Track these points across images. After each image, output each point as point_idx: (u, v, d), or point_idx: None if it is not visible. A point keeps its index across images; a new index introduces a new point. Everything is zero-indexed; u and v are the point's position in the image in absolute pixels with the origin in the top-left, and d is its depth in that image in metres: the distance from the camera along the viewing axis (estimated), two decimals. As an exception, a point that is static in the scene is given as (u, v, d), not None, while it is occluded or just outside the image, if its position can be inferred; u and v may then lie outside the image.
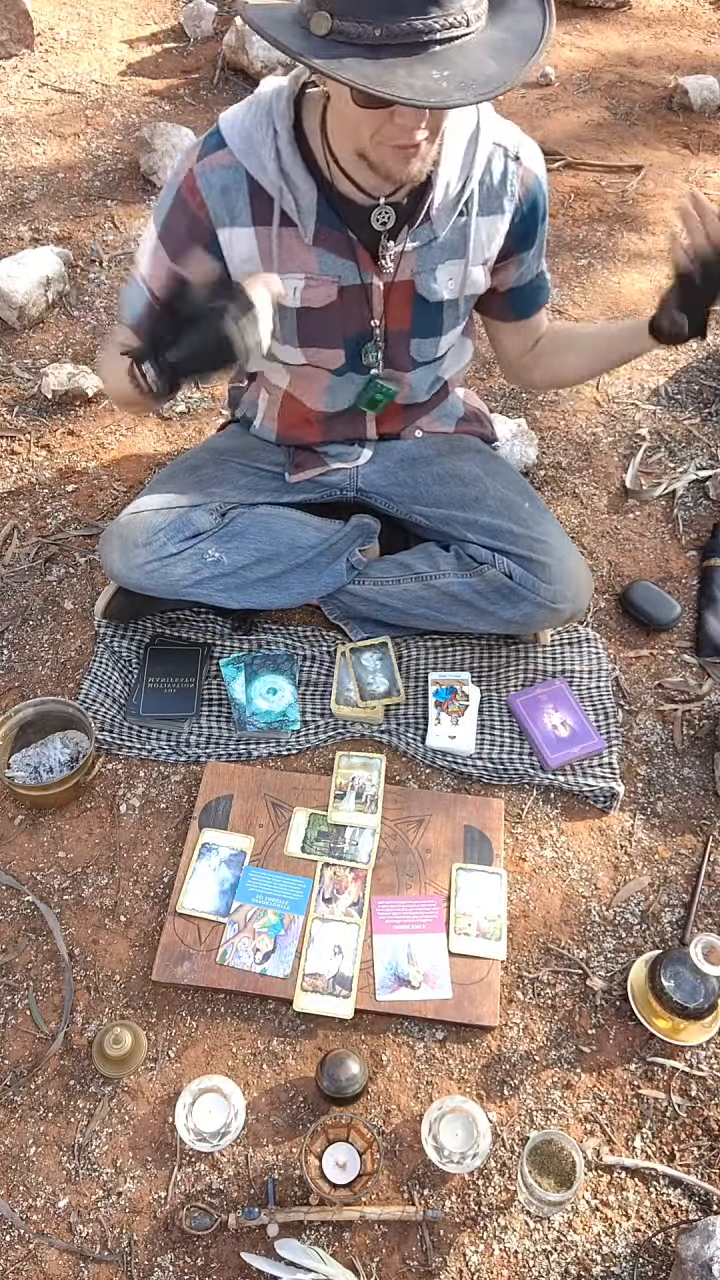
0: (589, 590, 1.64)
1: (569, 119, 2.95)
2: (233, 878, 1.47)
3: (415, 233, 1.33)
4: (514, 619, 1.60)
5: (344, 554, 1.65)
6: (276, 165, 1.25)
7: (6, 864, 1.51)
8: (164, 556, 1.58)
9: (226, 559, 1.60)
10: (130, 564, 1.59)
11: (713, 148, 2.85)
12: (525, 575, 1.56)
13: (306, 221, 1.29)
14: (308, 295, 1.36)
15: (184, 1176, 1.26)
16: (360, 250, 1.33)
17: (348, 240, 1.32)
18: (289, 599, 1.67)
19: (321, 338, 1.42)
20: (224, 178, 1.27)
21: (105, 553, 1.63)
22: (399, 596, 1.65)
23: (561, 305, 2.38)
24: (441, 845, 1.51)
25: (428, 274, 1.37)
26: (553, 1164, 1.19)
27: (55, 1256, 1.21)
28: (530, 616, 1.59)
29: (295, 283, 1.35)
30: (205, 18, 3.21)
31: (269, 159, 1.24)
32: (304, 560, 1.64)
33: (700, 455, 2.07)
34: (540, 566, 1.56)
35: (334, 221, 1.30)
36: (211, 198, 1.28)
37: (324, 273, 1.34)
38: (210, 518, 1.61)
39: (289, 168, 1.25)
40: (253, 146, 1.25)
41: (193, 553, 1.59)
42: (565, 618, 1.62)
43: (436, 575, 1.62)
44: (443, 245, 1.35)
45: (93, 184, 2.69)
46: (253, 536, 1.61)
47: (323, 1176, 1.22)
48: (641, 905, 1.49)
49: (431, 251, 1.35)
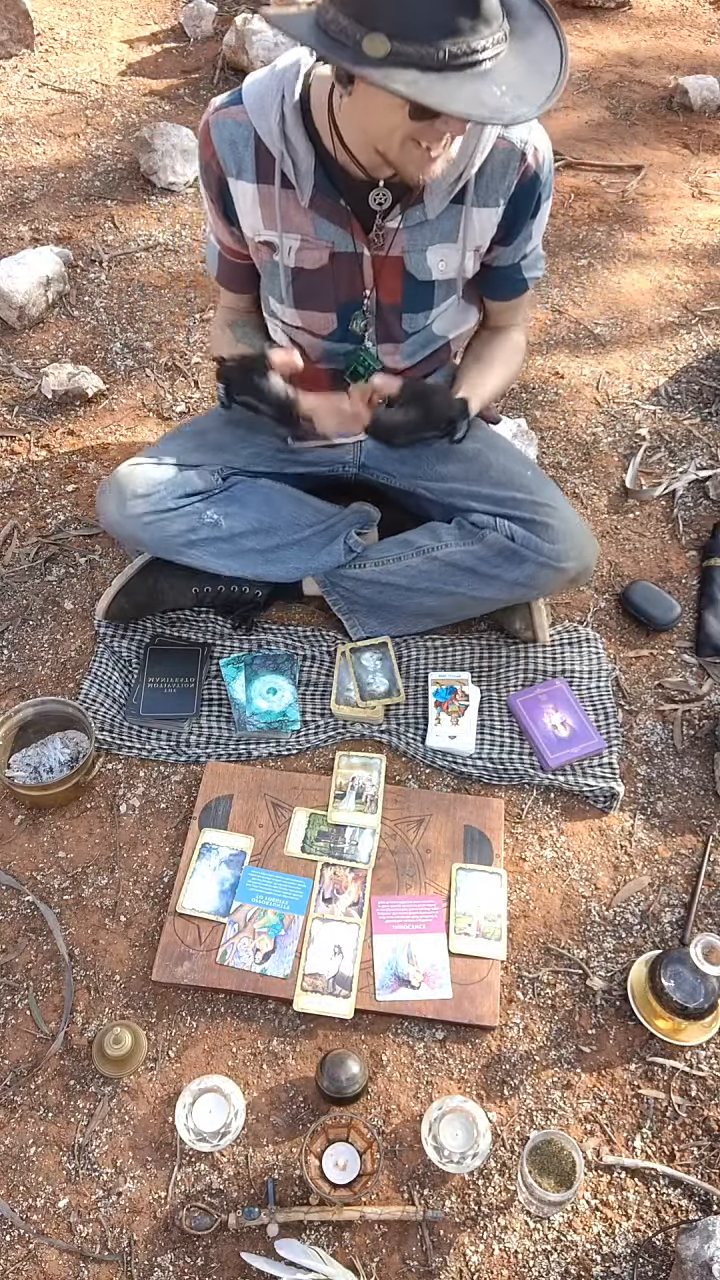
0: (594, 551, 1.62)
1: (569, 119, 2.95)
2: (233, 878, 1.47)
3: (408, 213, 1.37)
4: (519, 580, 1.58)
5: (340, 535, 1.65)
6: (280, 129, 1.31)
7: (6, 864, 1.51)
8: (162, 510, 1.59)
9: (225, 522, 1.61)
10: (126, 513, 1.60)
11: (713, 148, 2.86)
12: (527, 536, 1.55)
13: (304, 185, 1.34)
14: (301, 256, 1.41)
15: (184, 1176, 1.26)
16: (353, 221, 1.37)
17: (341, 209, 1.36)
18: (284, 573, 1.67)
19: (314, 300, 1.47)
20: (233, 131, 1.34)
21: (102, 503, 1.65)
22: (402, 573, 1.64)
23: (561, 305, 2.38)
24: (441, 845, 1.51)
25: (418, 253, 1.41)
26: (553, 1164, 1.19)
27: (55, 1256, 1.21)
28: (534, 577, 1.57)
29: (291, 242, 1.40)
30: (205, 18, 3.21)
31: (275, 121, 1.31)
32: (300, 538, 1.65)
33: (700, 455, 2.07)
34: (542, 527, 1.56)
35: (330, 190, 1.35)
36: (221, 148, 1.36)
37: (319, 237, 1.39)
38: (211, 479, 1.62)
39: (291, 132, 1.31)
40: (263, 107, 1.31)
41: (190, 510, 1.60)
42: (571, 577, 1.60)
43: (438, 547, 1.61)
44: (434, 227, 1.39)
45: (93, 184, 2.69)
46: (252, 505, 1.63)
47: (323, 1176, 1.22)
48: (641, 905, 1.49)
49: (423, 231, 1.39)
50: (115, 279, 2.42)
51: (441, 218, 1.38)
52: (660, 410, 2.15)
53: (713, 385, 2.20)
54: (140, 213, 2.61)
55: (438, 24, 1.03)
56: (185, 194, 2.66)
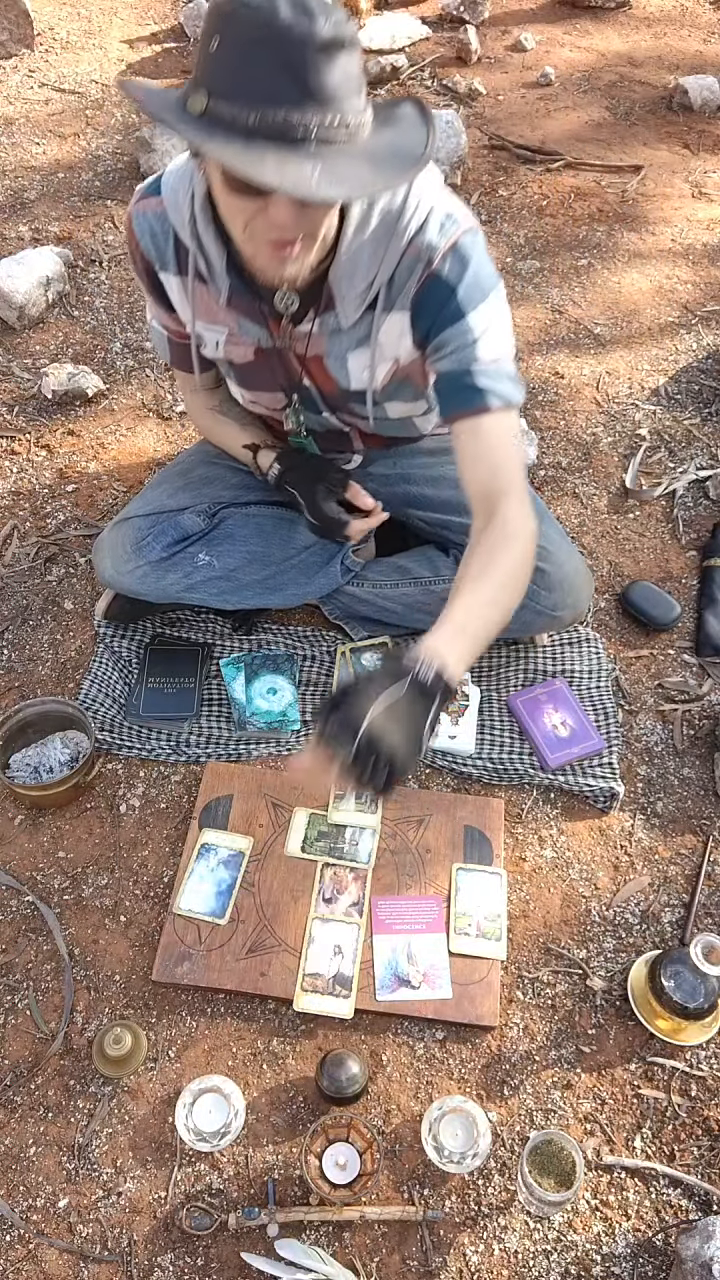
0: (589, 595, 1.64)
1: (569, 119, 2.95)
2: (230, 879, 1.47)
3: (322, 318, 1.29)
4: (512, 626, 1.58)
5: (337, 555, 1.65)
6: (191, 228, 1.25)
7: (6, 864, 1.51)
8: (154, 562, 1.59)
9: (218, 562, 1.60)
10: (122, 571, 1.61)
11: (713, 148, 2.86)
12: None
13: (220, 285, 1.28)
14: (229, 350, 1.39)
15: (184, 1176, 1.26)
16: (271, 322, 1.31)
17: (258, 309, 1.30)
18: (285, 600, 1.67)
19: (259, 381, 1.44)
20: (153, 224, 1.30)
21: (98, 561, 1.65)
22: (398, 600, 1.65)
23: (561, 305, 2.38)
24: (441, 845, 1.51)
25: (338, 360, 1.34)
26: (553, 1164, 1.19)
27: (55, 1256, 1.21)
28: (529, 624, 1.59)
29: (218, 336, 1.37)
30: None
31: (186, 218, 1.25)
32: (296, 561, 1.64)
33: (700, 455, 2.07)
34: (539, 574, 1.54)
35: (243, 290, 1.29)
36: (144, 241, 1.32)
37: (242, 334, 1.35)
38: (199, 520, 1.61)
39: (201, 231, 1.24)
40: (176, 201, 1.26)
41: (183, 558, 1.60)
42: (565, 623, 1.63)
43: (435, 580, 1.62)
44: (351, 335, 1.31)
45: (93, 184, 2.69)
46: (242, 539, 1.62)
47: (323, 1176, 1.22)
48: (641, 905, 1.49)
49: (339, 339, 1.32)
50: (115, 279, 2.42)
51: (357, 326, 1.29)
52: (660, 410, 2.15)
53: (713, 385, 2.20)
54: (140, 213, 2.60)
55: (257, 90, 0.96)
56: (185, 194, 2.66)
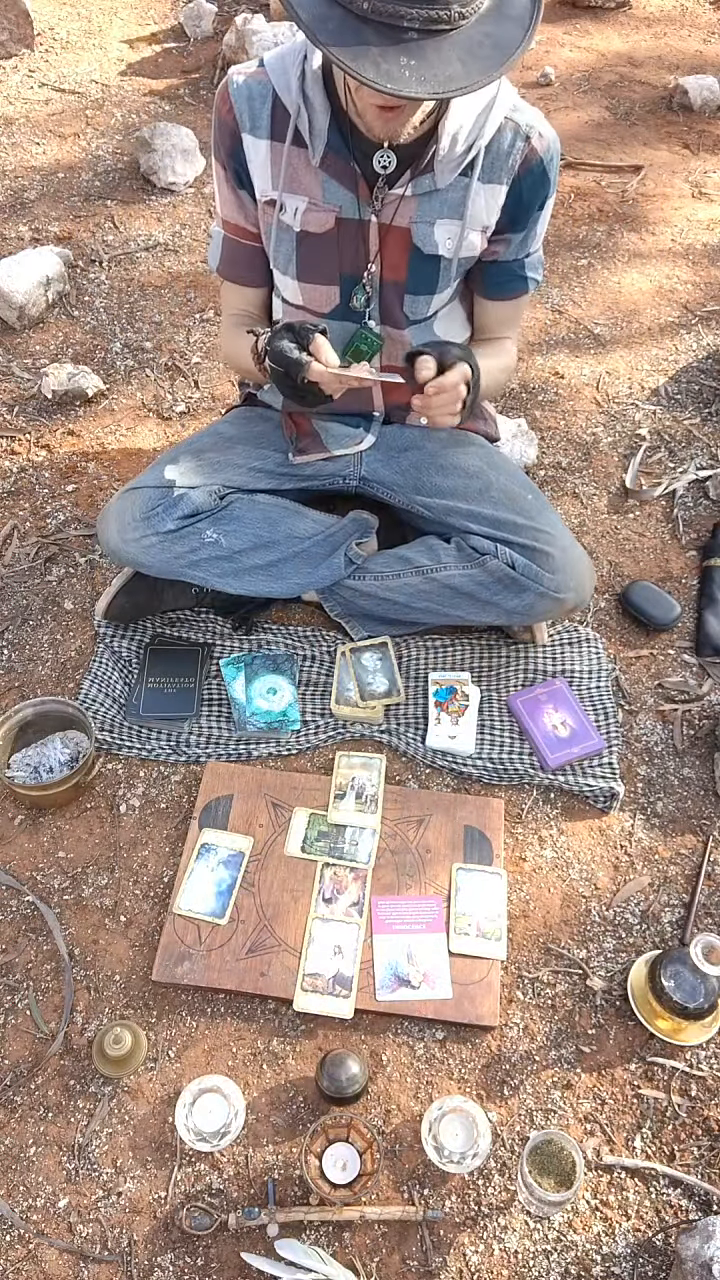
0: (592, 580, 1.64)
1: (569, 119, 2.95)
2: (230, 879, 1.47)
3: (417, 181, 1.37)
4: (517, 609, 1.60)
5: (341, 546, 1.65)
6: (299, 84, 1.33)
7: (6, 864, 1.51)
8: (161, 532, 1.59)
9: (224, 541, 1.61)
10: (126, 538, 1.60)
11: (713, 148, 2.86)
12: (528, 565, 1.56)
13: (316, 143, 1.35)
14: (307, 219, 1.41)
15: (184, 1176, 1.26)
16: (362, 183, 1.37)
17: (350, 170, 1.36)
18: (287, 589, 1.67)
19: (317, 272, 1.46)
20: (251, 88, 1.37)
21: (102, 529, 1.65)
22: (400, 590, 1.65)
23: (561, 305, 2.38)
24: (441, 845, 1.51)
25: (426, 225, 1.41)
26: (553, 1164, 1.19)
27: (55, 1256, 1.21)
28: (533, 607, 1.59)
29: (298, 203, 1.41)
30: (205, 18, 3.21)
31: (294, 77, 1.33)
32: (301, 550, 1.64)
33: (700, 455, 2.07)
34: (544, 556, 1.56)
35: (341, 149, 1.35)
36: (239, 104, 1.37)
37: (326, 200, 1.39)
38: (209, 499, 1.62)
39: (309, 88, 1.32)
40: (284, 66, 1.35)
41: (190, 531, 1.60)
42: (569, 608, 1.63)
43: (438, 568, 1.62)
44: (443, 200, 1.39)
45: (93, 184, 2.69)
46: (250, 523, 1.62)
47: (323, 1176, 1.22)
48: (641, 905, 1.49)
49: (432, 203, 1.39)
50: (115, 279, 2.42)
51: (449, 190, 1.38)
52: (660, 410, 2.15)
53: (713, 385, 2.20)
54: (140, 213, 2.61)
55: None
56: (185, 194, 2.67)
